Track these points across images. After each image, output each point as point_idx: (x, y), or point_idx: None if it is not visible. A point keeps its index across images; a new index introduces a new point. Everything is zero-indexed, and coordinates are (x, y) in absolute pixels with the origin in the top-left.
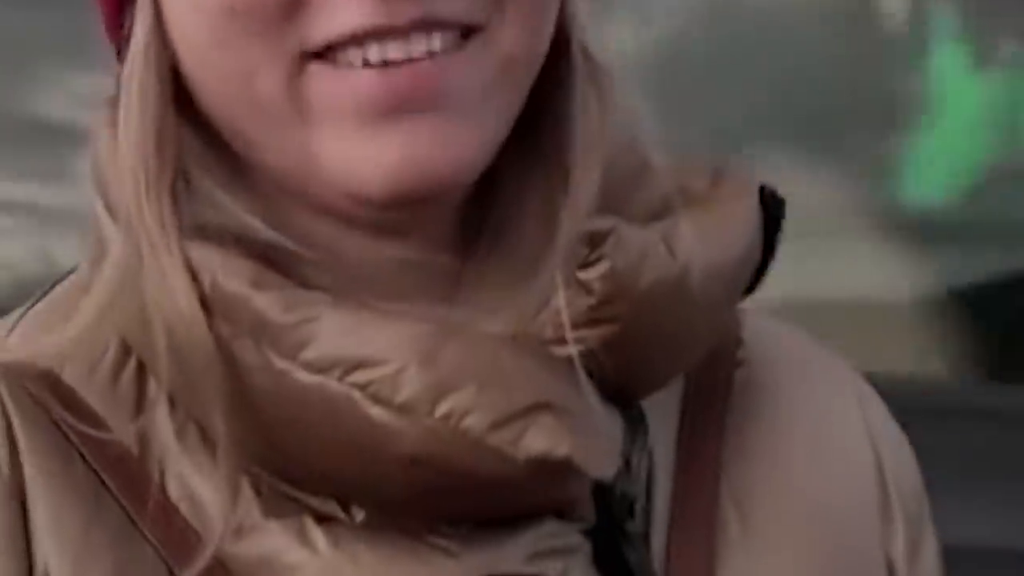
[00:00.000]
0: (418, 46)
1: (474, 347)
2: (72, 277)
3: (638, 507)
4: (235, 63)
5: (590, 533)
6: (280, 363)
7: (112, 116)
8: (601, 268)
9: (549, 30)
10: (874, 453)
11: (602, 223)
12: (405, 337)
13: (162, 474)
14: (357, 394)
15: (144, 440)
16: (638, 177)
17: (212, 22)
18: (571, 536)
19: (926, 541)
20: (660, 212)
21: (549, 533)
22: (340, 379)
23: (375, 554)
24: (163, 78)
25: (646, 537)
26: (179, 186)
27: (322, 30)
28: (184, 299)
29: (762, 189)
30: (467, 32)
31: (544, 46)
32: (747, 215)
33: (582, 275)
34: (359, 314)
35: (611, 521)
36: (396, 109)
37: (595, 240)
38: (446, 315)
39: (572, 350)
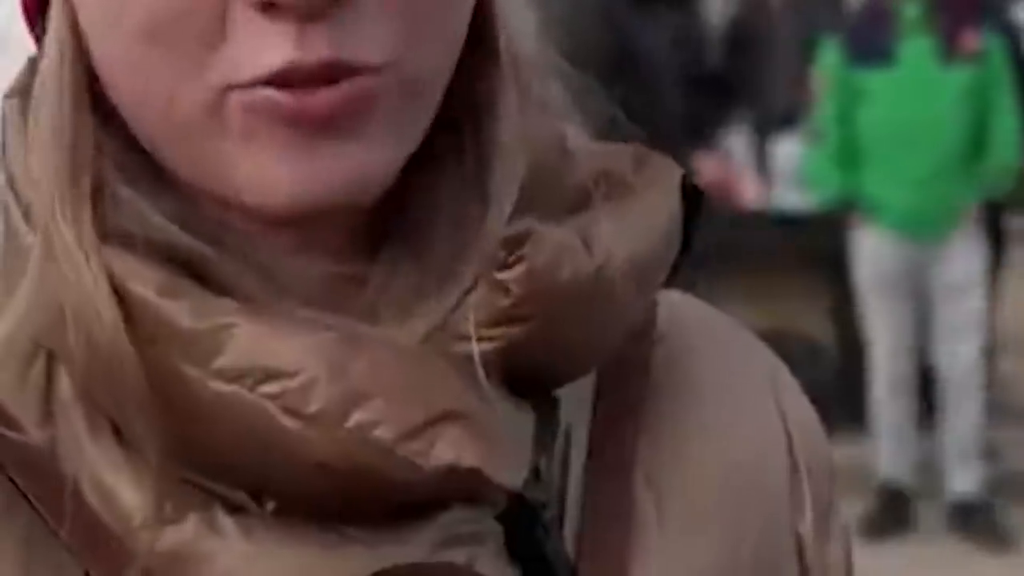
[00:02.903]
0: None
1: (385, 357)
2: None
3: (551, 493)
4: (150, 85)
5: (502, 518)
6: (191, 371)
7: (23, 105)
8: (519, 270)
9: (458, 46)
10: (785, 431)
11: (521, 225)
12: (315, 347)
13: (74, 470)
14: (269, 404)
15: (55, 437)
16: (557, 168)
17: (129, 43)
18: (481, 523)
19: (834, 519)
20: (579, 204)
21: (457, 520)
22: (251, 389)
23: (287, 543)
24: (78, 81)
25: (560, 519)
26: (98, 192)
27: (246, 69)
28: (105, 308)
29: (683, 178)
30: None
31: (453, 60)
32: (667, 204)
33: (500, 276)
34: (271, 323)
35: (523, 506)
36: (309, 136)
37: (513, 243)
38: (359, 323)
39: (483, 349)
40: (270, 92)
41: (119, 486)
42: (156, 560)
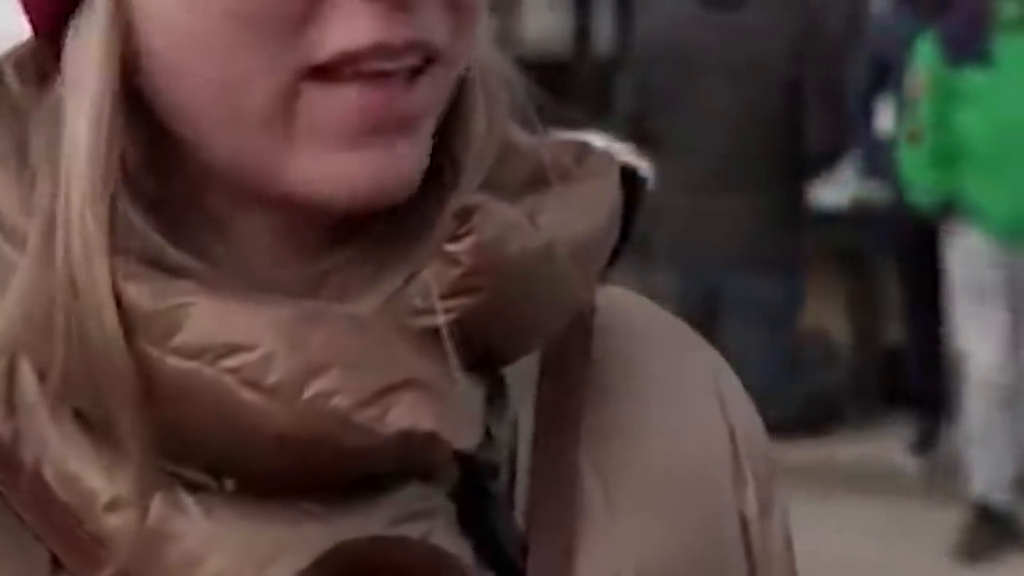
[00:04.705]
0: (407, 61)
1: (341, 329)
2: None
3: (501, 471)
4: (227, 70)
5: (455, 496)
6: (152, 351)
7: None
8: (469, 241)
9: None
10: (725, 419)
11: (471, 198)
12: (273, 322)
13: (37, 457)
14: (228, 378)
15: (17, 424)
16: (503, 154)
17: (213, 26)
18: (435, 499)
19: (775, 500)
20: (526, 187)
21: (413, 496)
22: (211, 364)
23: (247, 521)
24: (117, 82)
25: (510, 499)
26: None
27: (330, 44)
28: (107, 306)
29: (623, 168)
30: (428, 59)
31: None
32: (608, 192)
33: (450, 247)
34: (229, 301)
35: (474, 484)
36: (371, 132)
37: (463, 215)
38: (316, 298)
39: (439, 320)
40: (351, 92)
41: (84, 472)
42: (119, 539)
